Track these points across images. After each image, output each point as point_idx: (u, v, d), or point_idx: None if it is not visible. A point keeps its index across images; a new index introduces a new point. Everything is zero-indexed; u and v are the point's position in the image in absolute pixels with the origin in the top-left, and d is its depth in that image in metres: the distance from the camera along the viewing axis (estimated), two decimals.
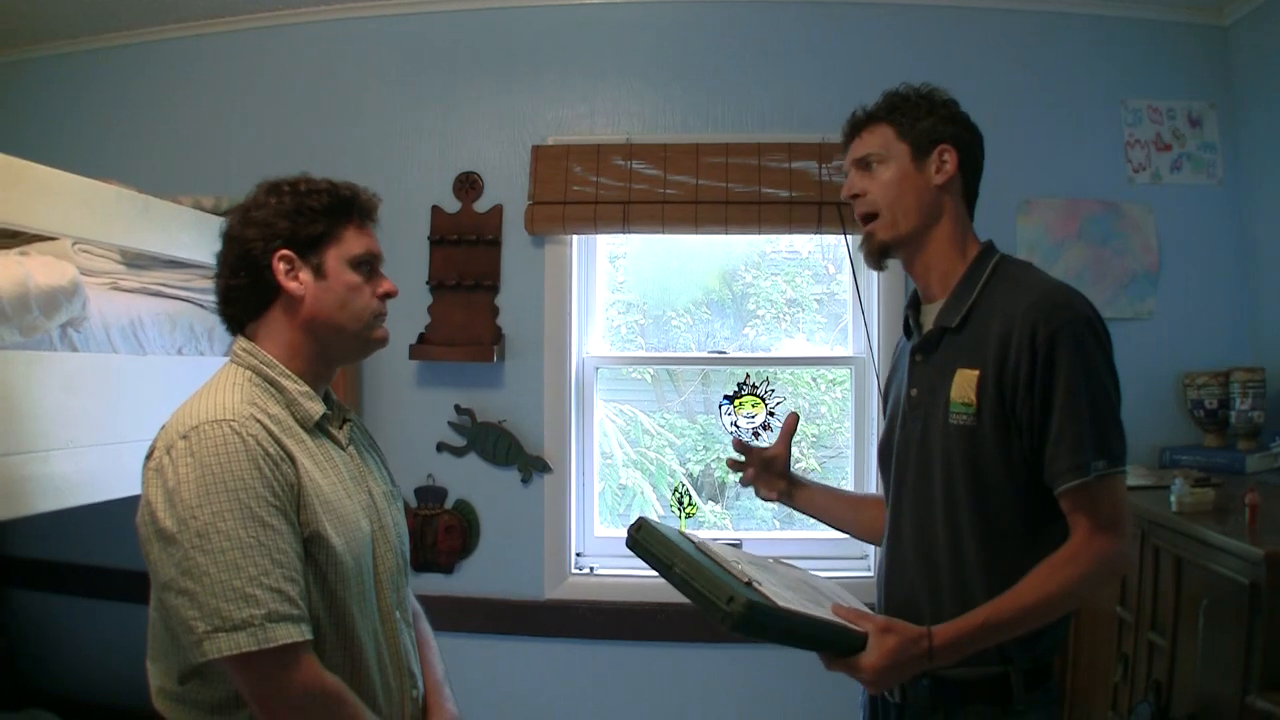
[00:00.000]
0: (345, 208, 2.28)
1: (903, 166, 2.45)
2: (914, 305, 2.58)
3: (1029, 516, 2.26)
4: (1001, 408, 2.24)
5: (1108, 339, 2.28)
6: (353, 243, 2.27)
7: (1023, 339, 2.21)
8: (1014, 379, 2.22)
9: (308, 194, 2.24)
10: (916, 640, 2.09)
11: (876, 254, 2.51)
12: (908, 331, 2.59)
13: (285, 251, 2.18)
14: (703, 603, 2.01)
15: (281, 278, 2.17)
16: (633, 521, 2.24)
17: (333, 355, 2.29)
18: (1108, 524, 2.14)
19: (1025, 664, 2.26)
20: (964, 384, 2.30)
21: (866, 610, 2.22)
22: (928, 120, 2.45)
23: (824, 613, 2.14)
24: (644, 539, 2.20)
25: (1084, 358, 2.20)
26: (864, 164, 2.50)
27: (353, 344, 2.30)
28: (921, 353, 2.45)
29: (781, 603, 2.02)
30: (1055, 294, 2.27)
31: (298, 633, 1.90)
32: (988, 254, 2.47)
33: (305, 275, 2.19)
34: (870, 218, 2.48)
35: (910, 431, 2.44)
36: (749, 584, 2.04)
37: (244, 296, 2.20)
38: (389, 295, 2.33)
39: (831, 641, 2.11)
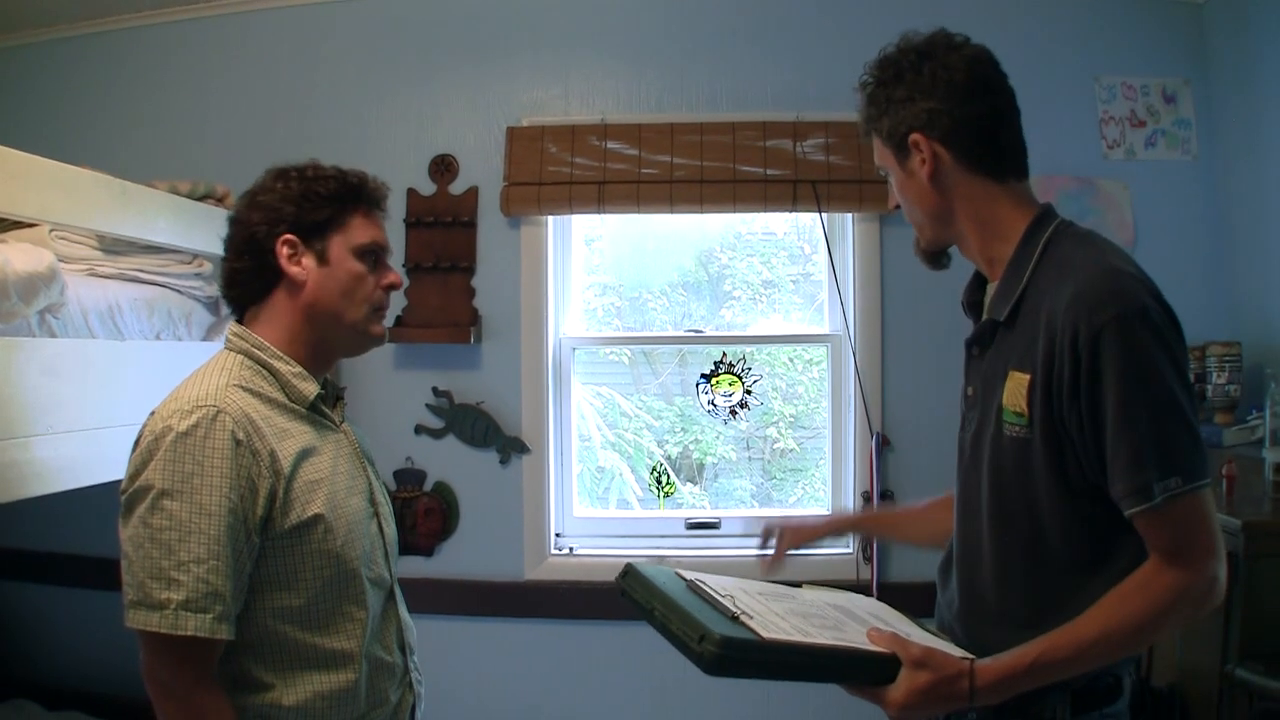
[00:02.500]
0: (353, 195, 2.29)
1: (898, 176, 2.17)
2: (978, 282, 2.26)
3: (1090, 544, 1.95)
4: (1051, 419, 1.91)
5: (1172, 329, 1.90)
6: (359, 231, 2.28)
7: (1064, 340, 1.86)
8: (1059, 387, 1.88)
9: (315, 179, 2.25)
10: (955, 679, 1.81)
11: (927, 262, 2.29)
12: (965, 309, 2.30)
13: (289, 236, 2.19)
14: (678, 645, 1.79)
15: (284, 262, 2.18)
16: (622, 569, 2.06)
17: (331, 345, 2.31)
18: (1182, 551, 1.81)
19: (1079, 681, 1.93)
20: (1015, 389, 1.97)
21: (908, 636, 1.89)
22: (889, 117, 2.13)
23: (840, 639, 1.87)
24: (628, 585, 2.02)
25: (1136, 358, 1.82)
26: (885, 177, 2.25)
27: (350, 335, 2.29)
28: (977, 345, 2.16)
29: (769, 633, 1.76)
30: (1101, 281, 1.88)
31: (208, 628, 1.91)
32: (1038, 228, 2.06)
33: (308, 261, 2.20)
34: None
35: (966, 434, 2.16)
36: (735, 618, 1.80)
37: (247, 280, 2.21)
38: (392, 287, 2.34)
39: (847, 672, 1.88)
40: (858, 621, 1.99)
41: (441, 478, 4.50)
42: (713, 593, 1.92)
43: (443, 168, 4.50)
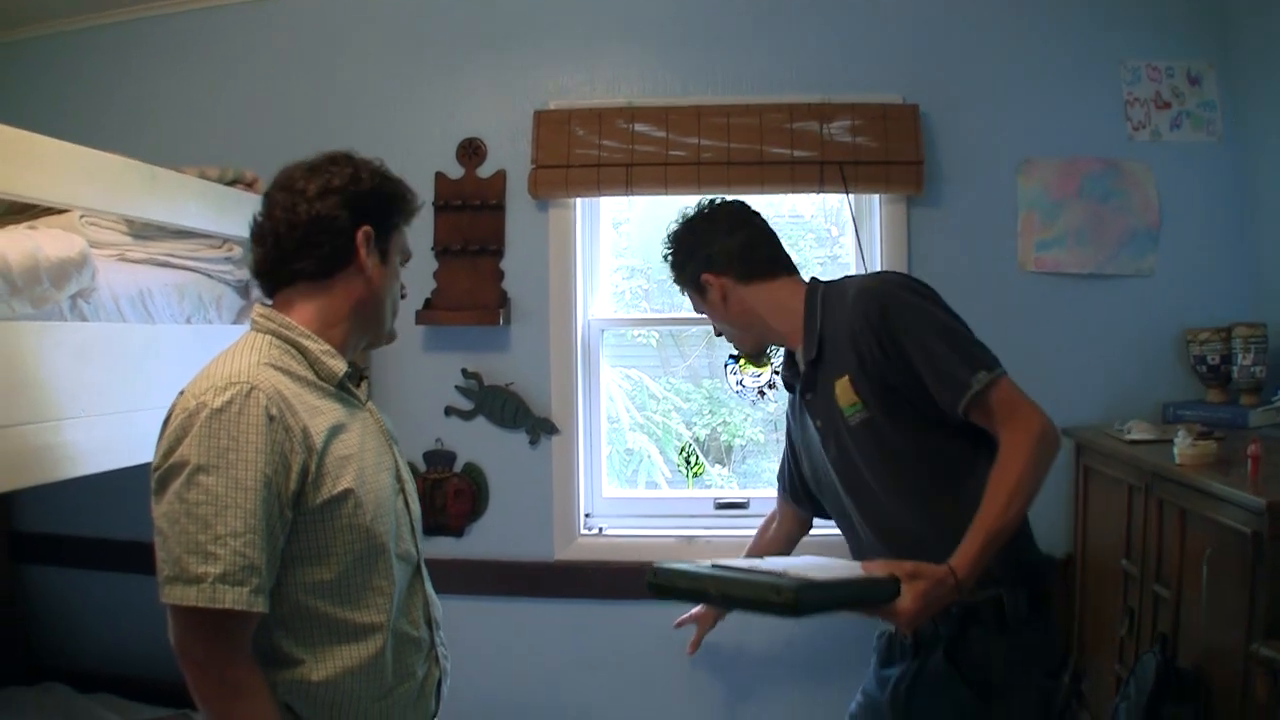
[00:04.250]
0: (411, 204, 2.42)
1: (709, 310, 3.01)
2: (789, 365, 2.99)
3: (949, 469, 2.63)
4: (881, 389, 2.60)
5: (926, 287, 2.68)
6: (404, 240, 2.42)
7: (862, 327, 2.59)
8: (875, 360, 2.58)
9: (387, 180, 2.36)
10: (944, 579, 2.29)
11: (752, 362, 3.36)
12: (789, 387, 3.05)
13: (369, 229, 2.26)
14: (754, 607, 2.17)
15: (362, 252, 2.25)
16: (648, 572, 2.38)
17: (360, 337, 2.37)
18: (1014, 415, 2.44)
19: (1021, 592, 2.58)
20: (844, 390, 2.67)
21: (892, 563, 2.36)
22: (685, 272, 3.00)
23: (855, 574, 2.35)
24: (664, 581, 2.35)
25: (913, 309, 2.57)
26: None
27: (380, 332, 2.42)
28: (809, 391, 2.83)
29: (815, 576, 2.19)
30: (868, 282, 2.72)
31: (245, 601, 1.94)
32: (812, 293, 2.83)
33: (374, 258, 2.28)
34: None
35: (831, 457, 2.81)
36: (779, 575, 2.18)
37: (317, 258, 2.24)
38: (404, 296, 2.48)
39: (871, 597, 2.29)
40: (841, 568, 2.44)
41: (471, 459, 4.51)
42: (740, 567, 2.33)
43: (470, 151, 4.50)
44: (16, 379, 2.49)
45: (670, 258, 3.02)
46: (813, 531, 3.44)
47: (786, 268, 2.95)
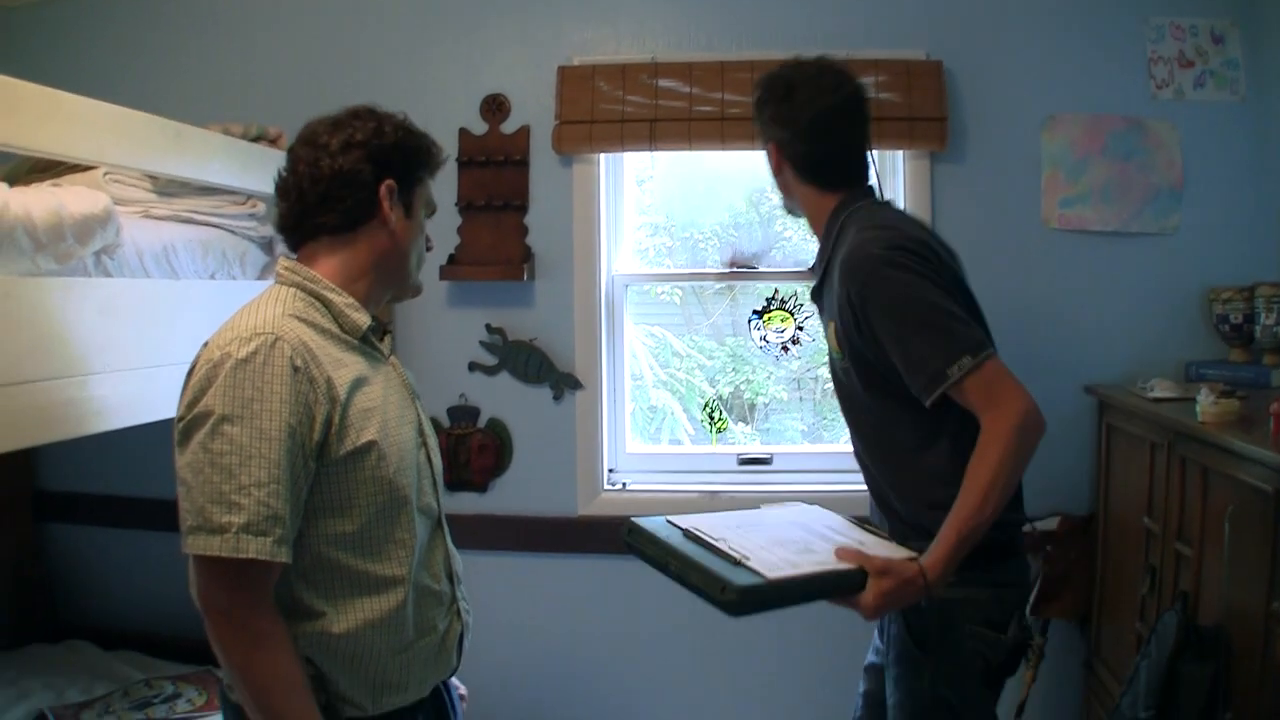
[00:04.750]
0: (435, 157, 2.42)
1: (768, 158, 2.93)
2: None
3: (912, 440, 2.63)
4: (856, 355, 2.62)
5: (910, 254, 2.52)
6: (429, 192, 2.43)
7: (843, 300, 2.57)
8: (851, 332, 2.59)
9: (411, 134, 2.35)
10: (912, 580, 2.24)
11: (787, 210, 3.07)
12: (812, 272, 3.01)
13: (392, 182, 2.27)
14: (701, 595, 2.17)
15: (385, 205, 2.26)
16: (624, 527, 2.46)
17: (384, 290, 2.40)
18: (997, 401, 2.36)
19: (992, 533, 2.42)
20: (831, 335, 2.73)
21: (866, 549, 2.32)
22: (760, 124, 2.92)
23: (820, 560, 2.27)
24: (635, 541, 2.40)
25: (890, 293, 2.49)
26: None
27: (406, 284, 2.44)
28: (818, 304, 2.92)
29: (772, 574, 2.14)
30: (856, 251, 2.56)
31: (268, 551, 1.96)
32: (838, 211, 2.77)
33: (398, 211, 2.30)
34: None
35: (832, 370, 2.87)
36: (738, 563, 2.17)
37: (342, 212, 2.25)
38: (429, 248, 2.50)
39: (830, 590, 2.25)
40: (820, 539, 2.40)
41: (495, 414, 4.54)
42: (709, 539, 2.30)
43: (494, 107, 4.50)
44: (42, 335, 2.51)
45: (755, 102, 2.92)
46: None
47: (847, 183, 2.82)
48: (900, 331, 2.46)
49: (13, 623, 4.81)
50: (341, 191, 2.23)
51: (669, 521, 2.41)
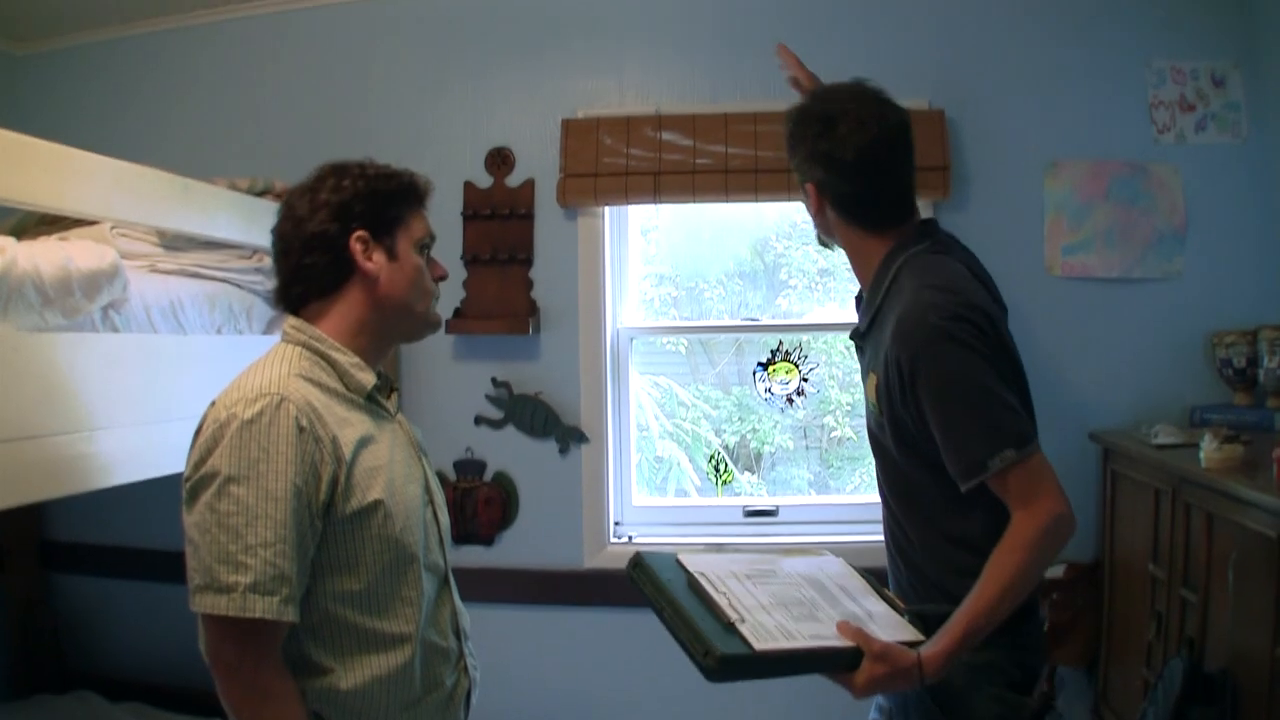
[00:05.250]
0: (413, 192, 2.38)
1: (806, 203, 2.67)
2: (859, 298, 2.70)
3: (938, 506, 2.43)
4: (895, 418, 2.41)
5: (972, 327, 2.31)
6: (418, 226, 2.38)
7: (891, 359, 2.36)
8: (895, 395, 2.37)
9: (377, 178, 2.32)
10: (907, 671, 2.14)
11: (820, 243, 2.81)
12: (856, 307, 2.76)
13: (362, 233, 2.25)
14: (684, 650, 2.11)
15: (359, 258, 2.24)
16: (631, 558, 2.31)
17: (393, 335, 2.41)
18: (1031, 500, 2.22)
19: None
20: (871, 387, 2.51)
21: (872, 625, 2.23)
22: (795, 160, 2.62)
23: (819, 631, 2.18)
24: (638, 578, 2.27)
25: (945, 369, 2.29)
26: None
27: (416, 324, 2.41)
28: (859, 348, 2.67)
29: (760, 645, 2.07)
30: (912, 312, 2.34)
31: (275, 610, 1.96)
32: (892, 257, 2.51)
33: (379, 257, 2.27)
34: None
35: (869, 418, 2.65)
36: (731, 625, 2.10)
37: (318, 276, 2.25)
38: (441, 278, 2.46)
39: (820, 665, 2.19)
40: (829, 601, 2.30)
41: (501, 467, 4.53)
42: (711, 592, 2.20)
43: (499, 160, 4.52)
44: (49, 389, 2.51)
45: (787, 136, 2.63)
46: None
47: (898, 222, 2.55)
48: (947, 411, 2.29)
49: (20, 672, 4.81)
50: (313, 256, 2.24)
51: (678, 561, 2.32)
